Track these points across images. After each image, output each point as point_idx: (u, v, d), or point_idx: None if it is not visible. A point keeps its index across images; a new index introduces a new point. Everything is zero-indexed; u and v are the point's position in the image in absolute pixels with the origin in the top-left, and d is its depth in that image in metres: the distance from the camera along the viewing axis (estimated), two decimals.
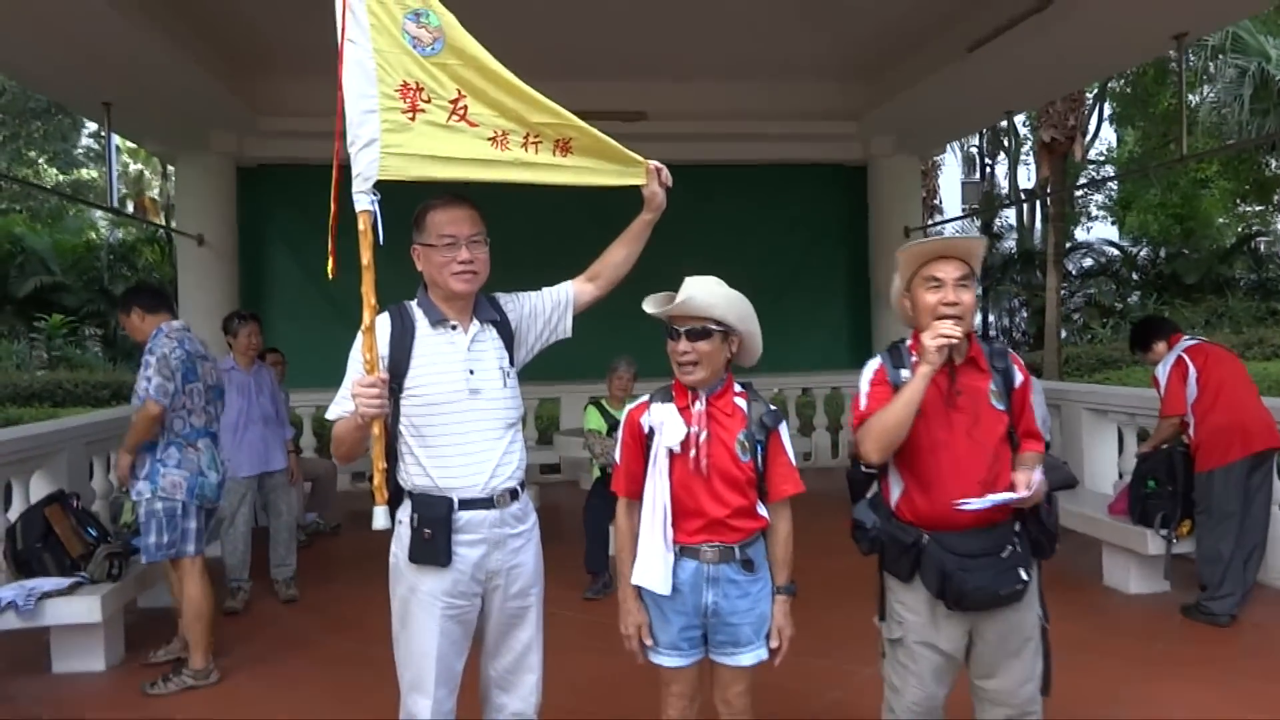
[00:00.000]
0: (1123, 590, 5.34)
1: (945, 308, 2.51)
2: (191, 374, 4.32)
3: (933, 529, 2.55)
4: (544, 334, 2.80)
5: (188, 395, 4.30)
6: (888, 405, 2.51)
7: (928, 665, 2.62)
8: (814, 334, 10.46)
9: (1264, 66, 17.26)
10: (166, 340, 4.26)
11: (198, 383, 4.35)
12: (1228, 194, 25.49)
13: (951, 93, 8.11)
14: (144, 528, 4.23)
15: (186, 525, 4.26)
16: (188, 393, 4.29)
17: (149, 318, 4.36)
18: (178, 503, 4.22)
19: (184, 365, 4.27)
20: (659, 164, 2.70)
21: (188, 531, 4.26)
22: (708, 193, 9.83)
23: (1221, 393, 4.84)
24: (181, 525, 4.24)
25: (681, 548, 2.59)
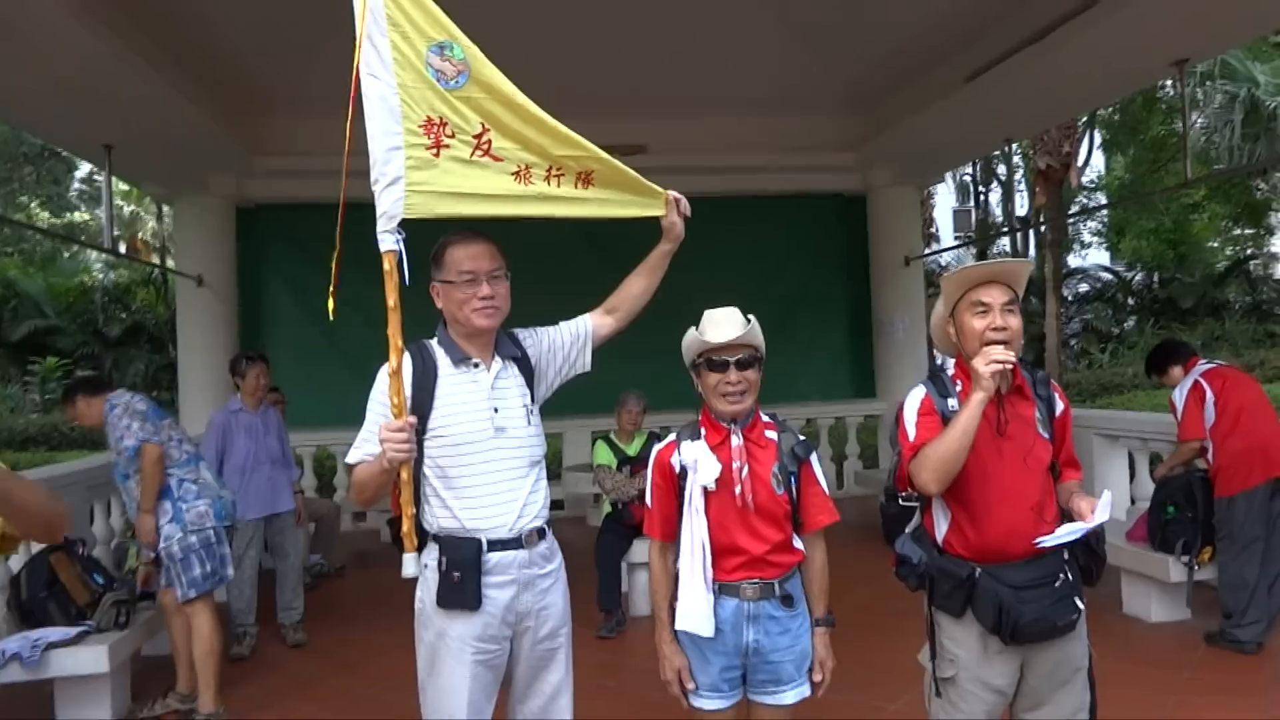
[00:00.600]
0: (1144, 619, 5.27)
1: (993, 333, 2.47)
2: (155, 411, 4.46)
3: (984, 561, 2.49)
4: (564, 369, 2.76)
5: (167, 428, 4.44)
6: (942, 435, 2.45)
7: (980, 705, 2.55)
8: (815, 364, 10.43)
9: (1253, 92, 17.43)
10: (118, 396, 4.45)
11: (167, 418, 4.50)
12: (1219, 218, 25.67)
13: (950, 122, 8.14)
14: (183, 565, 4.26)
15: (223, 551, 4.40)
16: (164, 426, 4.43)
17: (94, 399, 4.52)
18: (209, 530, 4.33)
19: (147, 404, 4.45)
20: (678, 194, 2.68)
21: (225, 556, 4.41)
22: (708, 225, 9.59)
23: (1241, 417, 4.80)
24: (219, 551, 4.37)
25: (721, 586, 2.55)
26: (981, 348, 2.43)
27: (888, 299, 10.25)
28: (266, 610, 5.57)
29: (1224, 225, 26.30)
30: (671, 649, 2.60)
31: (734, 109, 9.10)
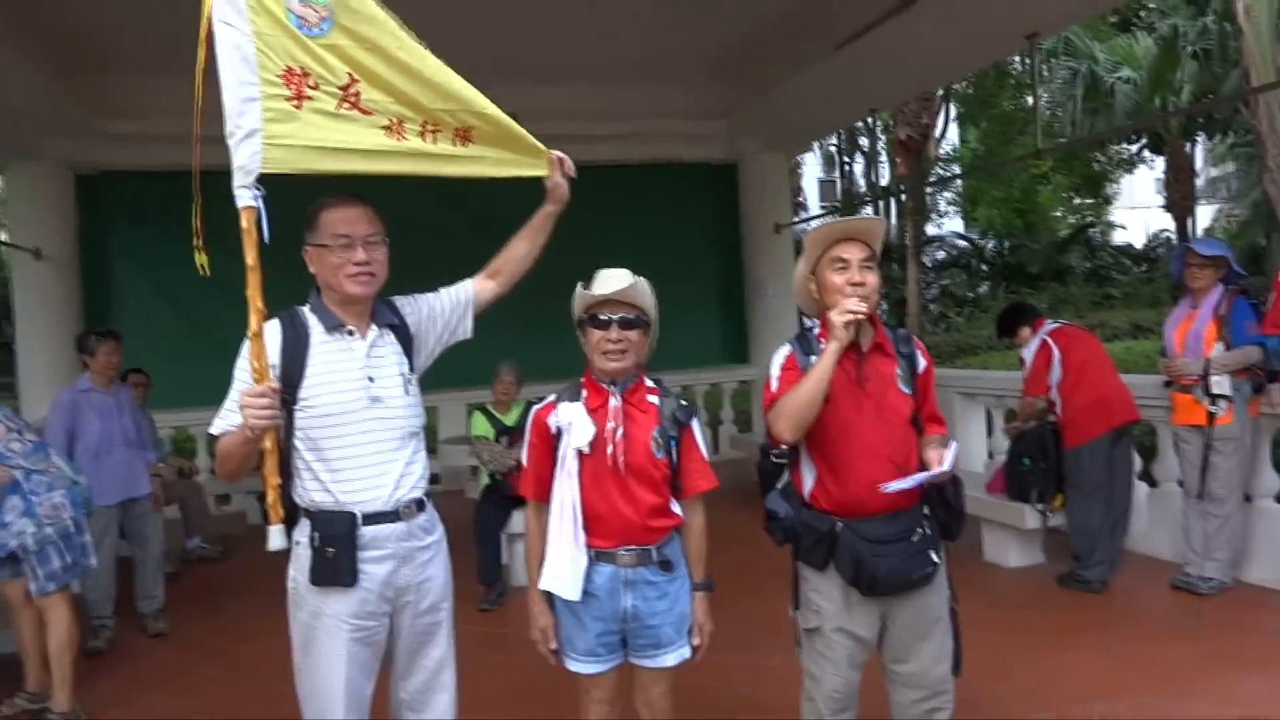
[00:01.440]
0: (1003, 565, 5.56)
1: (852, 288, 2.52)
2: None
3: (846, 516, 2.56)
4: (444, 336, 2.68)
5: (4, 421, 4.12)
6: (798, 384, 2.50)
7: (844, 652, 2.63)
8: (689, 331, 10.52)
9: (1093, 69, 18.43)
10: None
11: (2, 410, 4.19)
12: (1062, 188, 27.22)
13: (818, 92, 8.28)
14: (40, 559, 3.98)
15: (83, 540, 4.14)
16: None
17: None
18: (67, 520, 4.07)
19: None
20: (561, 154, 2.61)
21: (85, 546, 4.16)
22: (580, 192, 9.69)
23: (1085, 372, 5.08)
24: (79, 541, 4.12)
25: (597, 552, 2.53)
26: (841, 300, 2.48)
27: (759, 266, 10.43)
28: (124, 600, 5.27)
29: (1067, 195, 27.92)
30: (540, 608, 2.60)
31: (604, 76, 9.02)
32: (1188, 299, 4.93)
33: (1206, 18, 16.95)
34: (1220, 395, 4.64)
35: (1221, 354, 4.64)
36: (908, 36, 6.65)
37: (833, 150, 27.66)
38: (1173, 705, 3.54)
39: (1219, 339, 4.68)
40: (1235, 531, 4.78)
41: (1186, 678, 3.78)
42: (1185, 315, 4.89)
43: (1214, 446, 4.69)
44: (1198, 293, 4.82)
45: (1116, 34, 19.54)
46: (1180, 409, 4.86)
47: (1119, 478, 5.17)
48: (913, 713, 2.71)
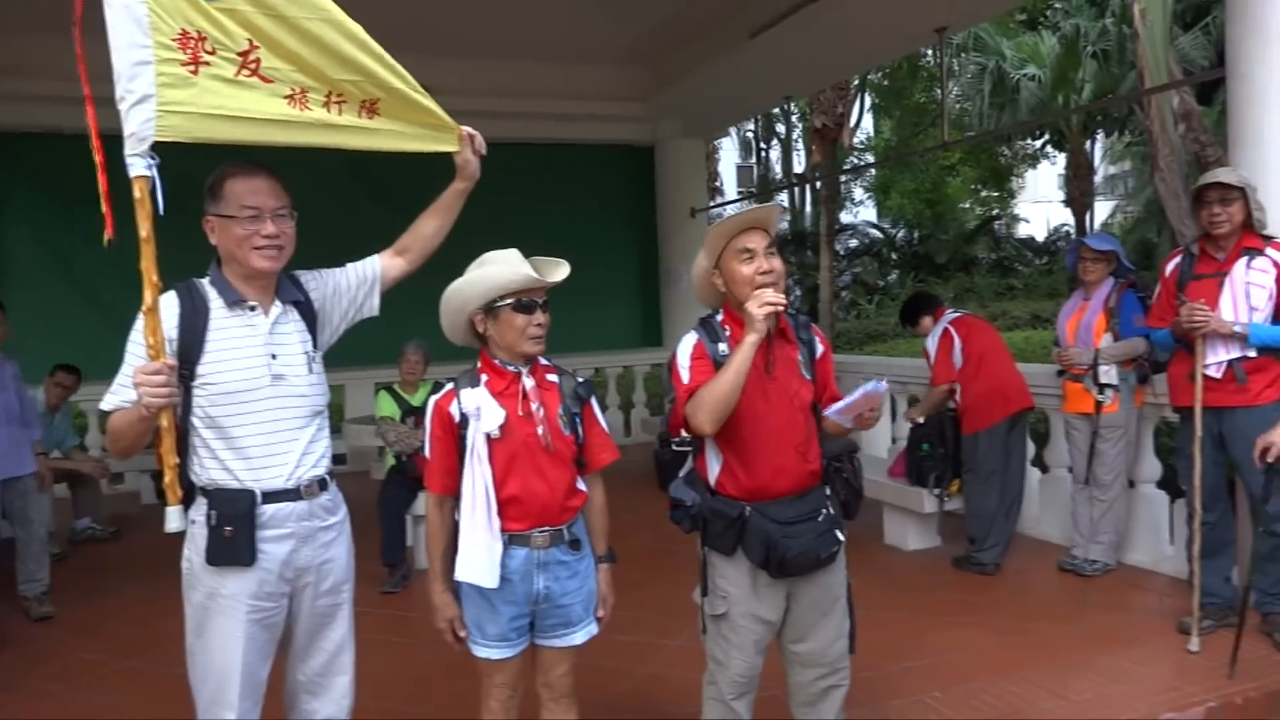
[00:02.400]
0: (902, 547, 5.71)
1: (762, 276, 2.53)
2: None
3: (753, 500, 2.59)
4: (349, 313, 2.62)
5: None
6: (717, 376, 2.50)
7: (750, 637, 2.67)
8: (604, 313, 10.53)
9: (1000, 65, 18.96)
10: None
11: None
12: (970, 181, 27.99)
13: (734, 77, 8.34)
14: None
15: None
16: None
17: None
18: None
19: None
20: (472, 130, 2.56)
21: None
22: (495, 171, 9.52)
23: (984, 361, 5.24)
24: None
25: (510, 536, 2.51)
26: (753, 292, 2.50)
27: (674, 250, 10.46)
28: (6, 583, 5.03)
29: (975, 188, 28.72)
30: (444, 600, 2.57)
31: (522, 53, 8.91)
32: (1080, 291, 5.12)
33: (1107, 19, 17.58)
34: (1108, 385, 4.84)
35: (1110, 345, 4.83)
36: (820, 26, 6.73)
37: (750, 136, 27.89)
38: (1056, 681, 3.69)
39: (1108, 330, 4.87)
40: (1119, 516, 5.00)
41: (1070, 655, 3.95)
42: (1078, 307, 5.08)
43: (1100, 434, 4.89)
44: (1090, 285, 5.01)
45: (1024, 32, 20.13)
46: (1071, 397, 5.05)
47: (1014, 463, 5.35)
48: (811, 690, 2.77)
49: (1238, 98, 4.28)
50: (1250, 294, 3.93)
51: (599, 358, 10.22)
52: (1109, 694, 3.57)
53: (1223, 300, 3.96)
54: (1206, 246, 4.10)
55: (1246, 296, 3.93)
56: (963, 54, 19.84)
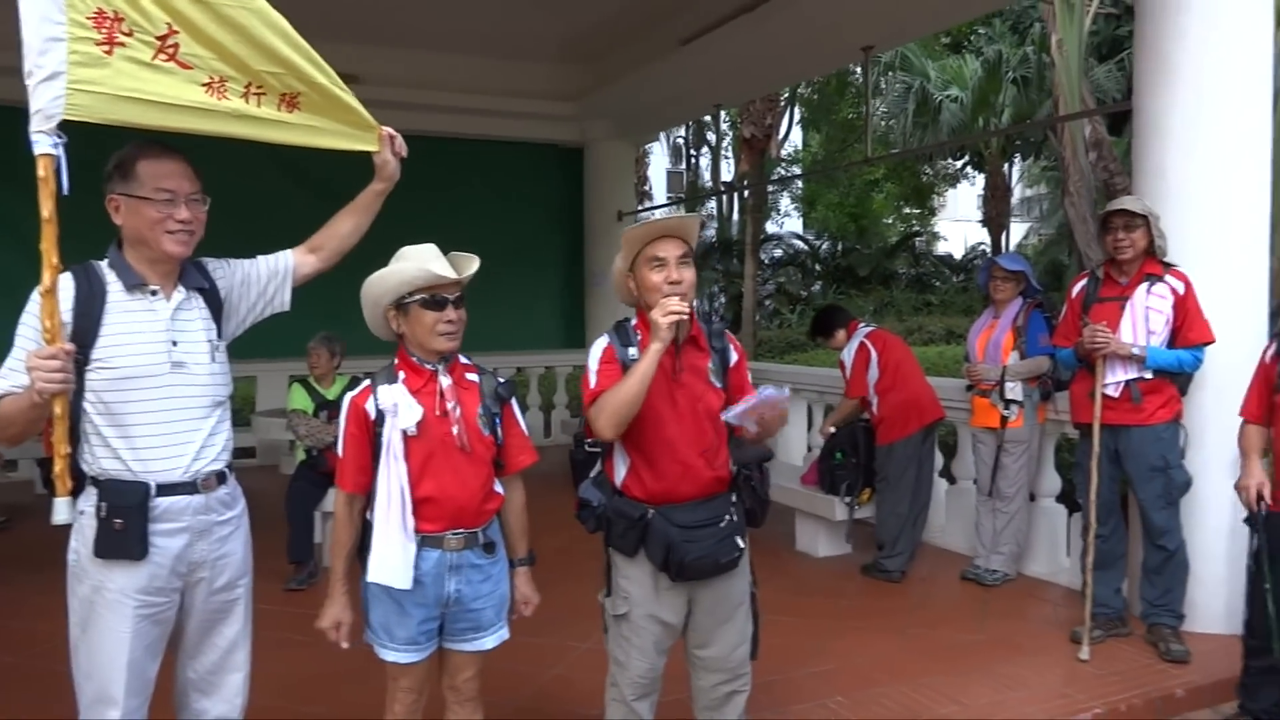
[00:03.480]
0: (812, 554, 5.80)
1: (670, 286, 2.55)
2: None
3: (657, 503, 2.61)
4: (258, 305, 2.56)
5: None
6: (621, 382, 2.52)
7: (651, 638, 2.69)
8: (529, 313, 10.48)
9: (925, 85, 19.45)
10: None
11: None
12: (894, 197, 28.65)
13: (665, 83, 8.39)
14: None
15: None
16: None
17: None
18: None
19: None
20: (393, 131, 2.54)
21: None
22: (422, 165, 9.42)
23: (899, 373, 5.36)
24: None
25: (424, 537, 2.48)
26: (661, 299, 2.52)
27: (601, 252, 10.44)
28: None
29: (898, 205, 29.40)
30: (341, 603, 2.54)
31: (453, 46, 8.82)
32: (991, 309, 5.28)
33: (1028, 47, 18.16)
34: (1013, 401, 4.99)
35: (1016, 362, 4.99)
36: (750, 38, 6.82)
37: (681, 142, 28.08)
38: (954, 686, 3.78)
39: (1015, 348, 5.03)
40: (1020, 528, 5.16)
41: (968, 661, 4.06)
42: (988, 324, 5.23)
43: (1005, 448, 5.05)
44: (1000, 304, 5.17)
45: (949, 54, 20.67)
46: (978, 412, 5.20)
47: (924, 473, 5.48)
48: (713, 695, 2.80)
49: (1142, 129, 4.46)
50: (1149, 318, 4.10)
51: (522, 357, 10.16)
52: (1003, 700, 3.68)
53: (1123, 323, 4.12)
54: (1110, 271, 4.26)
55: (1145, 320, 4.10)
56: (890, 73, 20.32)
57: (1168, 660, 4.03)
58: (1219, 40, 4.18)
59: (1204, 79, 4.18)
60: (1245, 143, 4.22)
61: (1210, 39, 4.19)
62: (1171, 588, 4.17)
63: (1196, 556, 4.21)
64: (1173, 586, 4.17)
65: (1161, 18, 4.31)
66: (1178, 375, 4.11)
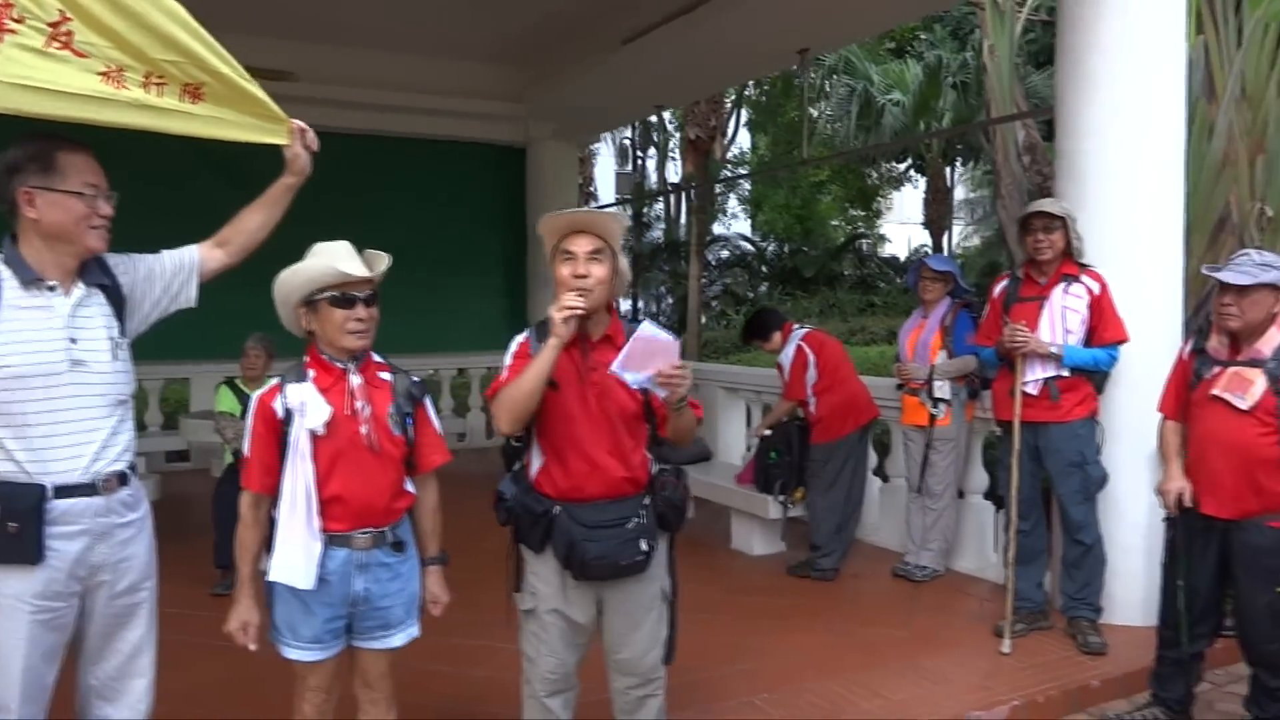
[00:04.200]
0: (748, 553, 5.85)
1: (576, 280, 2.55)
2: None
3: (566, 500, 2.61)
4: (163, 301, 2.51)
5: None
6: (517, 378, 2.53)
7: (558, 634, 2.68)
8: (471, 314, 10.41)
9: (868, 89, 19.70)
10: None
11: None
12: (840, 199, 28.96)
13: (605, 83, 8.39)
14: None
15: None
16: None
17: None
18: None
19: None
20: (303, 124, 2.51)
21: None
22: (362, 163, 9.45)
23: (836, 374, 5.38)
24: None
25: (330, 536, 2.45)
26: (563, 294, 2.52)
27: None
28: None
29: (845, 207, 29.72)
30: (248, 604, 2.50)
31: (391, 44, 8.74)
32: (920, 309, 5.36)
33: (967, 53, 18.48)
34: (941, 399, 5.08)
35: (944, 362, 5.08)
36: (689, 39, 6.86)
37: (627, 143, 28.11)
38: (878, 681, 3.84)
39: (944, 348, 5.11)
40: (948, 524, 5.25)
41: (894, 656, 4.12)
42: (917, 324, 5.32)
43: (933, 446, 5.14)
44: (929, 304, 5.25)
45: (892, 59, 20.96)
46: (908, 410, 5.28)
47: (858, 473, 5.54)
48: (627, 698, 2.81)
49: (1063, 133, 4.57)
50: (1066, 317, 4.20)
51: (465, 358, 10.10)
52: (925, 694, 3.74)
53: (1042, 322, 4.21)
54: (1030, 271, 4.36)
55: (1063, 320, 4.20)
56: (834, 76, 20.53)
57: (1085, 652, 4.13)
58: (1134, 48, 4.30)
59: (1119, 85, 4.30)
60: (1159, 148, 4.35)
61: (1125, 47, 4.31)
62: (1089, 581, 4.27)
63: (1114, 550, 4.32)
64: (1091, 580, 4.27)
65: (1080, 26, 4.42)
66: (1094, 373, 4.22)
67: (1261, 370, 3.22)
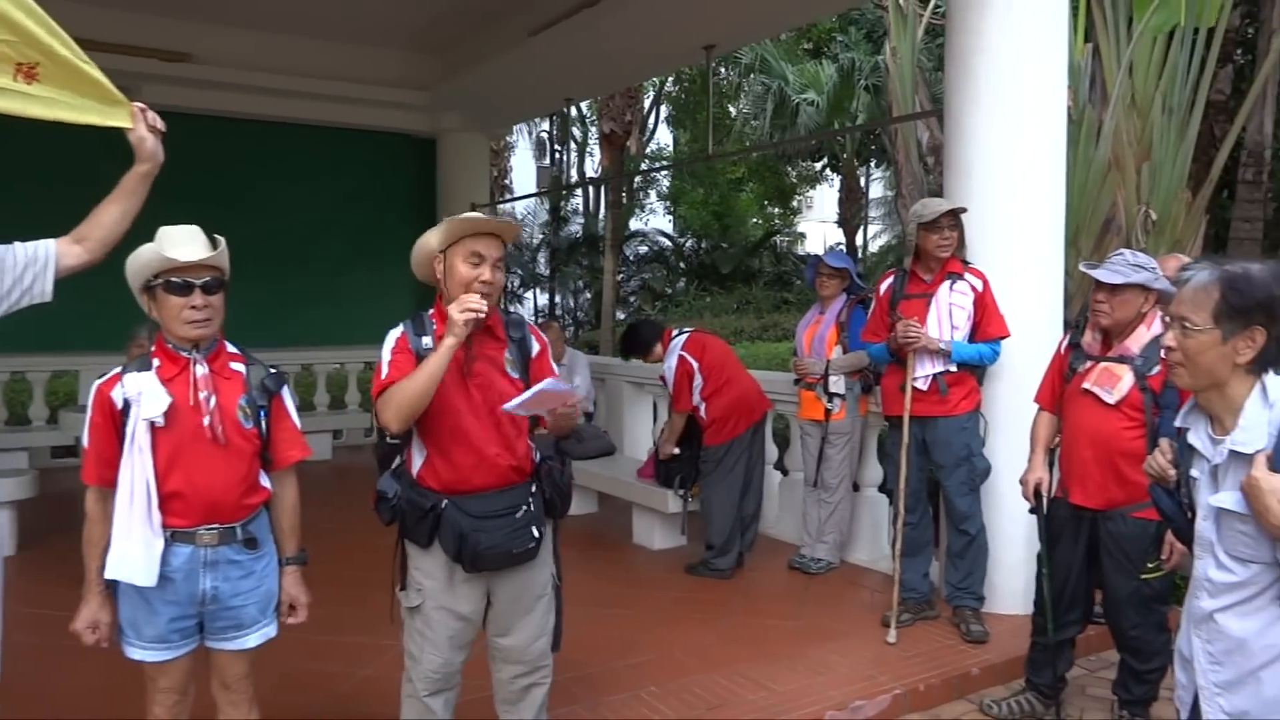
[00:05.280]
0: (649, 547, 5.86)
1: (480, 285, 2.55)
2: None
3: (452, 493, 2.58)
4: (14, 293, 2.41)
5: None
6: (410, 376, 2.49)
7: (445, 631, 2.66)
8: (379, 307, 10.10)
9: (784, 88, 19.93)
10: None
11: None
12: (758, 196, 29.27)
13: (515, 75, 8.31)
14: None
15: None
16: None
17: None
18: None
19: None
20: (144, 105, 2.41)
21: None
22: (263, 150, 9.20)
23: (723, 374, 5.35)
24: None
25: (174, 532, 2.36)
26: (463, 294, 2.49)
27: None
28: None
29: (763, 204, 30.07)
30: (97, 602, 2.40)
31: (296, 28, 8.51)
32: (818, 305, 5.43)
33: (880, 56, 18.82)
34: (836, 394, 5.15)
35: (839, 357, 5.15)
36: (595, 32, 6.83)
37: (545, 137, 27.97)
38: (765, 673, 3.87)
39: (839, 343, 5.19)
40: (843, 517, 5.33)
41: (783, 648, 4.16)
42: (814, 319, 5.38)
43: (829, 440, 5.21)
44: (825, 300, 5.32)
45: (808, 59, 21.24)
46: (804, 404, 5.34)
47: (755, 470, 5.56)
48: (512, 688, 2.79)
49: (951, 133, 4.67)
50: (953, 314, 4.29)
51: (371, 351, 9.85)
52: (810, 684, 3.78)
53: (930, 319, 4.30)
54: (917, 269, 4.44)
55: (949, 316, 4.29)
56: (751, 75, 20.71)
57: (968, 640, 4.23)
58: (1016, 52, 4.42)
59: (1003, 88, 4.41)
60: (1041, 149, 4.47)
61: (1007, 49, 4.42)
62: (973, 571, 4.38)
63: (997, 541, 4.44)
64: (974, 570, 4.39)
65: (966, 28, 4.52)
66: (977, 368, 4.33)
67: (1129, 366, 3.33)
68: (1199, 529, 2.10)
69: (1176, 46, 6.67)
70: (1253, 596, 1.99)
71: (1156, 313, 3.35)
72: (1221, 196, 10.79)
